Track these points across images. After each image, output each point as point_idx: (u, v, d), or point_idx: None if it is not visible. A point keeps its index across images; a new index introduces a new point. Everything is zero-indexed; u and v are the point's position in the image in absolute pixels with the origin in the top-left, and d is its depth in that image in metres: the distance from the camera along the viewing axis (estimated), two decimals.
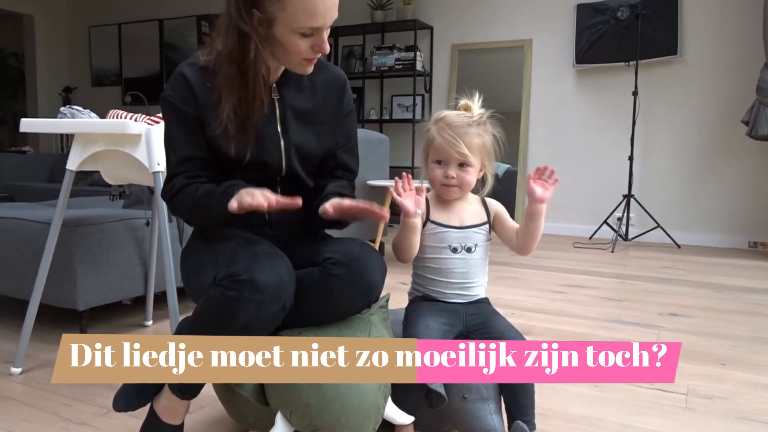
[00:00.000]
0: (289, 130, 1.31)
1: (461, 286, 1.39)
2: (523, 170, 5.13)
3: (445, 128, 1.35)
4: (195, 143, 1.27)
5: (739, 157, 4.42)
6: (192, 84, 1.25)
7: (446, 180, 1.36)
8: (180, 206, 1.28)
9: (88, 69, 7.38)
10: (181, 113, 1.26)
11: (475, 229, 1.40)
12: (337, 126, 1.39)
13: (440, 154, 1.36)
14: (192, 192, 1.24)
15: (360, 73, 5.58)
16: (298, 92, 1.34)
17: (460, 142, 1.33)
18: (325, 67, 1.39)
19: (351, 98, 1.43)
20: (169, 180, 1.29)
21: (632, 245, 4.48)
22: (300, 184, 1.36)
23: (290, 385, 1.12)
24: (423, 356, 1.24)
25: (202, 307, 1.14)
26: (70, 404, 1.61)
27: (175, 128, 1.27)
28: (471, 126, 1.36)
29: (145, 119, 1.78)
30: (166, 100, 1.27)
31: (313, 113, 1.35)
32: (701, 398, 1.69)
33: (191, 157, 1.27)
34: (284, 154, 1.31)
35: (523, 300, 2.79)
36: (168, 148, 1.29)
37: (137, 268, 2.22)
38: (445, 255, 1.38)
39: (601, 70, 4.81)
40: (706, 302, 2.79)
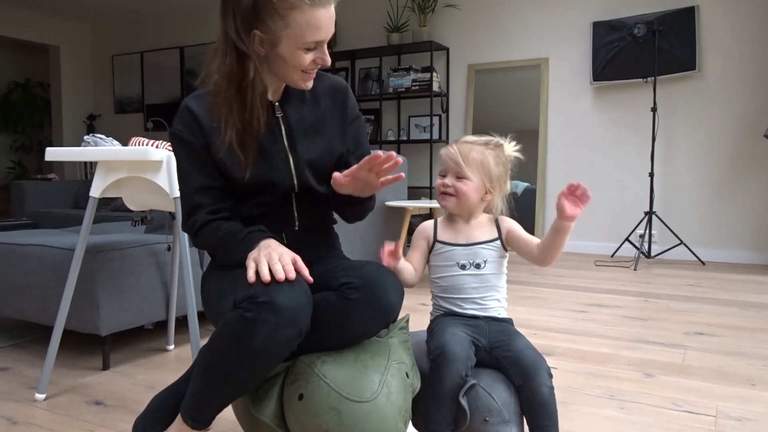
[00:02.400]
0: (296, 145, 1.33)
1: (475, 300, 1.38)
2: (542, 188, 5.10)
3: (454, 143, 1.42)
4: (208, 173, 1.29)
5: (761, 170, 4.35)
6: (197, 114, 1.28)
7: (442, 188, 1.40)
8: (202, 243, 1.31)
9: (112, 97, 7.55)
10: (190, 145, 1.28)
11: (483, 245, 1.40)
12: (345, 133, 1.41)
13: (442, 165, 1.42)
14: (214, 230, 1.27)
15: (377, 94, 5.63)
16: (301, 106, 1.36)
17: (457, 153, 1.38)
18: (324, 77, 1.42)
19: (355, 104, 1.45)
20: (189, 214, 1.30)
21: (655, 263, 4.41)
22: (316, 197, 1.37)
23: (310, 410, 1.11)
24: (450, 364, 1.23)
25: (220, 329, 1.14)
26: (93, 430, 1.62)
27: (186, 161, 1.30)
28: (477, 145, 1.40)
29: (165, 146, 1.81)
30: (174, 135, 1.30)
31: (319, 124, 1.37)
32: (731, 420, 1.65)
33: (207, 187, 1.29)
34: (294, 170, 1.32)
35: (544, 320, 2.75)
36: (181, 182, 1.31)
37: (159, 292, 2.24)
38: (455, 272, 1.38)
39: (618, 86, 4.79)
40: (733, 320, 2.73)
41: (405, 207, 3.59)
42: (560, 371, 2.05)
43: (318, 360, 1.17)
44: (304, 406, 1.13)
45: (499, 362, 1.33)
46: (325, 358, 1.18)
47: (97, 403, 1.81)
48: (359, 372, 1.15)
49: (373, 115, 5.79)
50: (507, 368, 1.31)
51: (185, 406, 1.21)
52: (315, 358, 1.18)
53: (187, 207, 1.31)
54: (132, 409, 1.76)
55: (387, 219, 3.69)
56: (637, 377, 1.99)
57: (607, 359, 2.18)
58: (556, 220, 1.35)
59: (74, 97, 7.51)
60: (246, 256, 1.18)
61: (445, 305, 1.41)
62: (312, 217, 1.38)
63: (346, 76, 5.96)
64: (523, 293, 3.35)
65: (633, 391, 1.87)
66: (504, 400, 1.28)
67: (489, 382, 1.31)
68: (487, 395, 1.28)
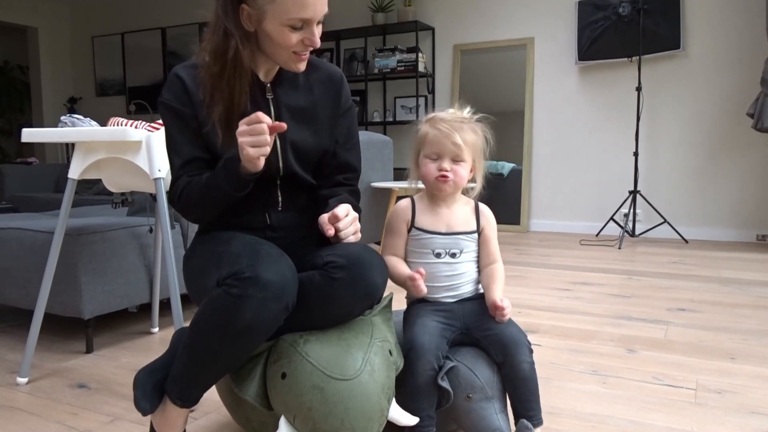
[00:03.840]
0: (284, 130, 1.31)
1: (448, 288, 1.38)
2: (527, 168, 5.11)
3: (438, 122, 1.35)
4: (196, 144, 1.27)
5: (745, 149, 4.39)
6: (187, 84, 1.26)
7: (440, 173, 1.34)
8: (187, 204, 1.27)
9: (92, 79, 7.42)
10: (179, 115, 1.26)
11: (462, 236, 1.39)
12: (336, 124, 1.39)
13: (434, 147, 1.34)
14: (195, 184, 1.25)
15: (362, 75, 5.58)
16: (294, 91, 1.34)
17: (455, 134, 1.33)
18: (321, 65, 1.39)
19: (349, 95, 1.42)
20: (173, 183, 1.29)
21: (639, 241, 4.45)
22: (300, 182, 1.35)
23: (293, 389, 1.11)
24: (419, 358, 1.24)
25: (204, 308, 1.13)
26: (77, 413, 1.61)
27: (176, 131, 1.28)
28: (464, 123, 1.36)
29: (145, 126, 1.78)
30: (163, 104, 1.28)
31: (310, 111, 1.35)
32: (711, 393, 1.68)
33: (194, 158, 1.28)
34: (280, 154, 1.31)
35: (529, 298, 2.77)
36: (170, 152, 1.30)
37: (142, 275, 2.22)
38: (428, 260, 1.37)
39: (603, 66, 4.79)
40: (714, 297, 2.76)
41: (391, 188, 3.58)
42: (544, 348, 2.07)
43: (301, 339, 1.17)
44: (287, 385, 1.13)
45: (478, 341, 1.34)
46: (308, 337, 1.17)
47: (80, 386, 1.80)
48: (342, 350, 1.15)
49: (358, 97, 5.74)
50: (487, 346, 1.32)
51: (172, 386, 1.21)
52: (298, 337, 1.18)
53: (174, 176, 1.29)
54: (116, 392, 1.75)
55: (373, 200, 3.68)
56: (620, 353, 2.02)
57: (590, 336, 2.20)
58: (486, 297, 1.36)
59: (54, 80, 7.38)
60: (233, 171, 1.16)
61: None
62: (296, 199, 1.37)
63: (330, 57, 5.90)
64: (508, 272, 3.37)
65: (615, 366, 1.89)
66: (487, 377, 1.29)
67: (471, 359, 1.32)
68: (470, 372, 1.29)
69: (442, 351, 1.28)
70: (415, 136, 1.40)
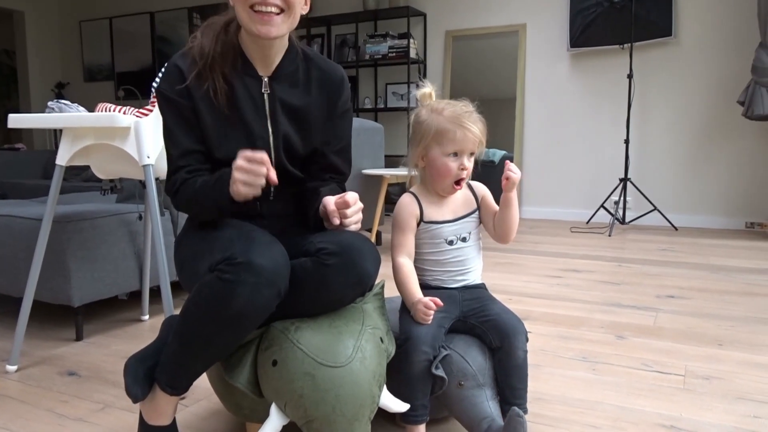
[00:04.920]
0: (278, 126, 1.29)
1: (459, 272, 1.39)
2: (519, 156, 5.11)
3: (459, 117, 1.30)
4: (193, 135, 1.26)
5: (735, 137, 4.41)
6: (184, 72, 1.24)
7: (462, 173, 1.32)
8: (182, 201, 1.27)
9: (80, 64, 7.33)
10: (177, 106, 1.25)
11: (467, 218, 1.40)
12: (329, 126, 1.36)
13: (457, 145, 1.31)
14: (191, 186, 1.24)
15: (353, 61, 5.55)
16: (291, 88, 1.31)
17: (475, 130, 1.30)
18: (324, 64, 1.36)
19: (348, 98, 1.39)
20: (171, 175, 1.28)
21: (629, 228, 4.47)
22: (291, 177, 1.34)
23: (284, 376, 1.11)
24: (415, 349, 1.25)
25: (196, 294, 1.12)
26: (67, 401, 1.61)
27: (173, 122, 1.26)
28: (472, 114, 1.33)
29: (133, 112, 1.76)
30: (161, 93, 1.26)
31: (304, 112, 1.32)
32: (699, 379, 1.69)
33: (191, 150, 1.26)
34: (273, 151, 1.29)
35: (520, 285, 2.78)
36: (167, 142, 1.28)
37: (132, 262, 2.21)
38: (442, 248, 1.37)
39: (595, 53, 4.78)
40: (703, 283, 2.78)
41: (382, 175, 3.57)
42: (534, 335, 2.08)
43: (292, 326, 1.17)
44: (278, 372, 1.12)
45: (474, 328, 1.34)
46: (299, 324, 1.17)
47: (70, 374, 1.79)
48: (333, 337, 1.15)
49: (350, 83, 5.70)
50: (484, 333, 1.32)
51: (162, 374, 1.20)
52: (289, 324, 1.18)
53: (170, 169, 1.28)
54: (107, 380, 1.74)
55: (364, 187, 3.67)
56: (610, 339, 2.03)
57: (580, 322, 2.22)
58: (502, 195, 1.34)
59: (41, 65, 7.27)
60: (224, 194, 1.15)
61: (425, 277, 1.40)
62: (287, 189, 1.36)
63: (321, 42, 5.86)
64: (500, 260, 3.38)
65: (605, 352, 1.91)
66: (479, 365, 1.30)
67: (464, 347, 1.32)
68: (462, 360, 1.30)
69: (439, 341, 1.29)
70: (419, 126, 1.35)
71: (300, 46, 1.34)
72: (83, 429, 1.45)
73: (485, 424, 1.23)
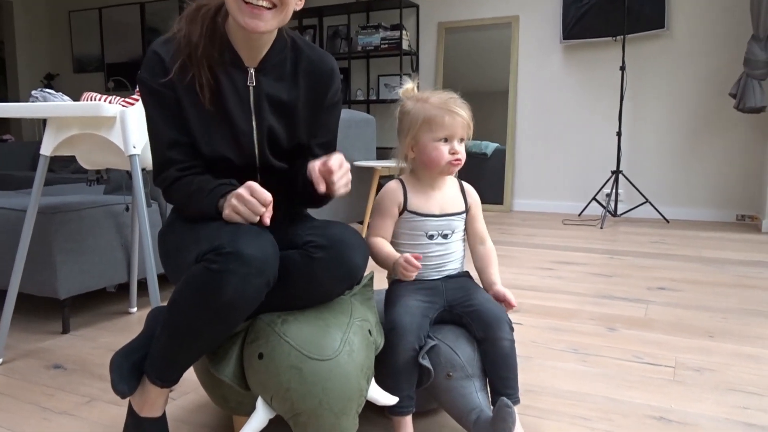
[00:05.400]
0: (263, 120, 1.26)
1: (436, 267, 1.38)
2: (511, 148, 5.10)
3: (446, 103, 1.31)
4: (178, 126, 1.22)
5: (727, 130, 4.41)
6: (166, 62, 1.20)
7: (454, 156, 1.32)
8: (175, 199, 1.26)
9: (70, 55, 7.25)
10: (159, 95, 1.21)
11: (454, 217, 1.39)
12: (317, 118, 1.33)
13: (446, 130, 1.31)
14: (185, 186, 1.21)
15: (346, 53, 5.51)
16: (278, 81, 1.27)
17: (464, 114, 1.31)
18: (313, 53, 1.31)
19: (338, 90, 1.35)
20: (160, 170, 1.24)
21: (621, 221, 4.48)
22: (276, 170, 1.31)
23: (270, 369, 1.09)
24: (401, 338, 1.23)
25: (183, 285, 1.10)
26: (52, 394, 1.59)
27: (156, 112, 1.22)
28: (457, 99, 1.34)
29: (119, 101, 1.73)
30: (142, 82, 1.22)
31: (290, 106, 1.28)
32: (690, 371, 1.69)
33: (178, 142, 1.23)
34: (257, 145, 1.27)
35: (512, 277, 2.78)
36: (151, 134, 1.24)
37: (119, 254, 2.18)
38: (421, 242, 1.36)
39: (588, 45, 4.76)
40: (694, 275, 2.79)
41: (374, 167, 3.55)
42: (526, 327, 2.07)
43: (278, 319, 1.15)
44: (265, 365, 1.11)
45: (460, 318, 1.33)
46: (286, 317, 1.15)
47: (56, 367, 1.77)
48: (321, 330, 1.13)
49: (342, 75, 5.68)
50: (469, 323, 1.31)
51: (151, 366, 1.18)
52: (275, 317, 1.16)
53: (158, 162, 1.25)
54: (93, 373, 1.72)
55: (356, 179, 3.65)
56: (601, 331, 2.03)
57: (571, 314, 2.21)
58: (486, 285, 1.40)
59: (30, 56, 7.19)
60: (213, 207, 1.16)
61: None
62: (275, 181, 1.33)
63: (313, 34, 5.81)
64: None
65: (596, 344, 1.90)
66: (467, 356, 1.29)
67: (452, 338, 1.31)
68: (450, 351, 1.28)
69: (424, 331, 1.27)
70: (406, 116, 1.34)
71: (289, 35, 1.30)
72: (69, 423, 1.43)
73: (474, 415, 1.22)
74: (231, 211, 1.13)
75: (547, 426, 1.38)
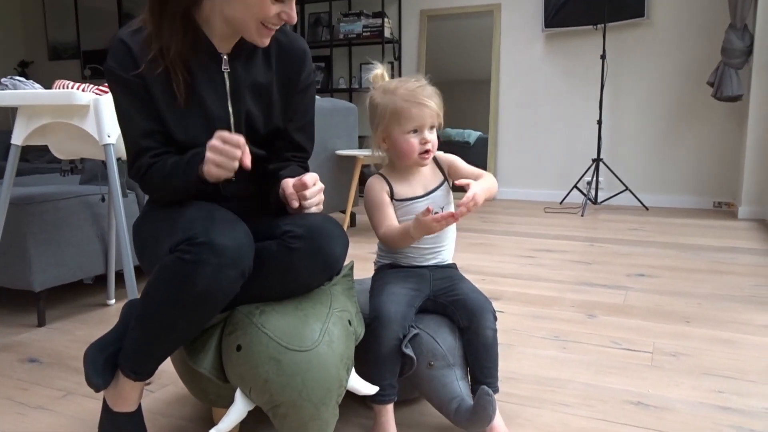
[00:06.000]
0: (239, 106, 1.24)
1: (431, 250, 1.37)
2: (494, 137, 5.10)
3: (411, 94, 1.30)
4: (149, 115, 1.19)
5: (705, 118, 4.46)
6: (133, 50, 1.17)
7: (425, 147, 1.31)
8: (149, 186, 1.23)
9: (45, 42, 7.09)
10: (128, 84, 1.18)
11: (438, 191, 1.38)
12: (291, 102, 1.31)
13: (414, 121, 1.30)
14: (160, 168, 1.19)
15: (327, 41, 5.46)
16: (252, 65, 1.25)
17: (431, 103, 1.29)
18: (284, 37, 1.30)
19: (311, 72, 1.34)
20: (134, 160, 1.22)
21: (602, 209, 4.52)
22: (253, 157, 1.29)
23: (249, 361, 1.08)
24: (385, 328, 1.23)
25: (156, 276, 1.08)
26: (27, 388, 1.56)
27: (125, 101, 1.19)
28: (425, 88, 1.32)
29: (93, 89, 1.70)
30: (109, 72, 1.19)
31: (265, 89, 1.27)
32: (667, 356, 1.71)
33: (152, 131, 1.20)
34: (234, 131, 1.24)
35: (494, 266, 2.79)
36: (122, 124, 1.21)
37: (96, 245, 2.15)
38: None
39: (569, 34, 4.77)
40: (672, 262, 2.82)
41: (356, 156, 3.53)
42: (507, 315, 2.08)
43: (257, 310, 1.14)
44: (243, 357, 1.10)
45: (444, 308, 1.33)
46: (264, 308, 1.14)
47: (31, 361, 1.74)
48: (300, 321, 1.12)
49: (323, 63, 5.62)
50: (453, 312, 1.31)
51: (125, 359, 1.16)
52: (253, 308, 1.15)
53: (132, 152, 1.22)
54: (70, 366, 1.70)
55: (338, 168, 3.62)
56: (580, 318, 2.04)
57: (552, 302, 2.23)
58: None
59: (2, 43, 7.02)
60: (194, 174, 1.13)
61: (397, 254, 1.38)
62: (250, 170, 1.31)
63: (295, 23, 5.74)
64: (474, 240, 3.38)
65: (575, 331, 1.92)
66: (449, 345, 1.29)
67: (434, 327, 1.31)
68: (432, 340, 1.28)
69: (409, 320, 1.27)
70: (375, 109, 1.34)
71: None
72: (44, 417, 1.40)
73: (455, 403, 1.23)
74: (210, 166, 1.10)
75: (528, 413, 1.39)
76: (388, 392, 1.26)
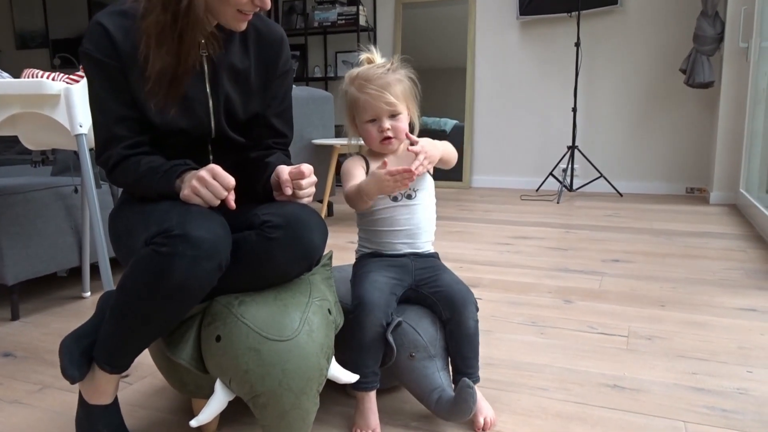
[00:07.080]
0: (219, 90, 1.23)
1: (407, 234, 1.36)
2: (470, 125, 5.12)
3: (365, 84, 1.31)
4: (124, 101, 1.17)
5: (677, 105, 4.53)
6: (112, 34, 1.14)
7: (383, 134, 1.33)
8: (120, 180, 1.21)
9: (11, 31, 6.91)
10: (104, 67, 1.15)
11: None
12: (269, 87, 1.31)
13: (370, 112, 1.32)
14: (133, 166, 1.17)
15: (302, 29, 5.41)
16: (230, 50, 1.24)
17: (385, 93, 1.30)
18: (261, 23, 1.30)
19: (288, 58, 1.34)
20: (104, 147, 1.19)
21: (577, 195, 4.57)
22: (231, 144, 1.29)
23: (228, 351, 1.08)
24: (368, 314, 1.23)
25: (132, 268, 1.07)
26: (2, 383, 1.53)
27: (100, 86, 1.17)
28: (388, 74, 1.32)
29: (63, 78, 1.66)
30: (85, 54, 1.16)
31: (244, 74, 1.26)
32: (642, 339, 1.75)
33: (124, 117, 1.17)
34: (213, 116, 1.23)
35: (471, 253, 2.81)
36: (94, 109, 1.19)
37: (69, 237, 2.11)
38: (388, 205, 1.35)
39: (544, 21, 4.80)
40: (646, 247, 2.87)
41: (333, 145, 3.51)
42: (485, 301, 2.10)
43: (235, 300, 1.13)
44: (223, 348, 1.09)
45: (426, 298, 1.33)
46: (243, 298, 1.13)
47: (5, 355, 1.71)
48: (279, 311, 1.12)
49: (298, 51, 5.57)
50: (435, 303, 1.32)
51: (100, 352, 1.15)
52: (232, 298, 1.14)
53: (102, 138, 1.19)
54: (44, 359, 1.67)
55: (314, 157, 3.61)
56: (557, 304, 2.07)
57: (529, 288, 2.25)
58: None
59: None
60: (169, 187, 1.12)
61: (374, 241, 1.38)
62: (227, 159, 1.30)
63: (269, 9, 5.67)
64: (451, 228, 3.40)
65: (552, 317, 1.95)
66: (430, 336, 1.29)
67: (415, 318, 1.31)
68: (414, 331, 1.29)
69: (392, 308, 1.28)
70: (345, 98, 1.37)
71: None
72: (20, 411, 1.38)
73: (436, 394, 1.24)
74: (191, 192, 1.10)
75: (506, 397, 1.41)
76: (371, 379, 1.26)
